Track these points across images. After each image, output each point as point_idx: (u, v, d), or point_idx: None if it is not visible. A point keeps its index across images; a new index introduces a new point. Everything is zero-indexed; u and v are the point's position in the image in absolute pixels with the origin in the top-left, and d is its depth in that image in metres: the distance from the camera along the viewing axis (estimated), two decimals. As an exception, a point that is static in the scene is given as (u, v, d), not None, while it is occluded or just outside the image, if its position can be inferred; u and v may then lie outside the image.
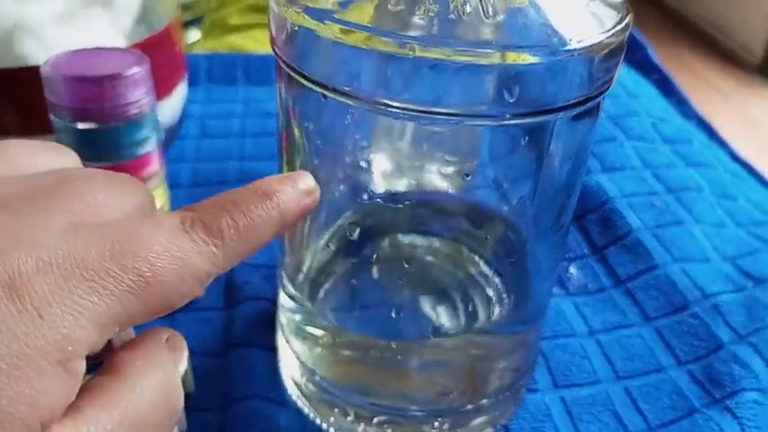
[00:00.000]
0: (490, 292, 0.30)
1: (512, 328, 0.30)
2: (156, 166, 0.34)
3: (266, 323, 0.34)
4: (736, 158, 0.48)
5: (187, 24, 0.62)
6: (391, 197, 0.33)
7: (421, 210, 0.34)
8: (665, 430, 0.29)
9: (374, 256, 0.32)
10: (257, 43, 0.62)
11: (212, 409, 0.30)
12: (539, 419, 0.30)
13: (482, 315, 0.30)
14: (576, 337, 0.34)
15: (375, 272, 0.31)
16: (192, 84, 0.56)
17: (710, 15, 1.73)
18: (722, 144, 0.49)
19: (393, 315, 0.29)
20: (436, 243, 0.33)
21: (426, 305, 0.30)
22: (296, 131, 0.27)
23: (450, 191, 0.33)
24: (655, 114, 0.50)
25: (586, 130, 0.25)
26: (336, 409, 0.29)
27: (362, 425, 0.28)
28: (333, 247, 0.32)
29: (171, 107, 0.45)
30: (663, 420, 0.30)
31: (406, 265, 0.31)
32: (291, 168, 0.29)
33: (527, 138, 0.25)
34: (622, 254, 0.38)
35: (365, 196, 0.33)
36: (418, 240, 0.34)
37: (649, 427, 0.30)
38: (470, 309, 0.30)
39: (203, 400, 0.31)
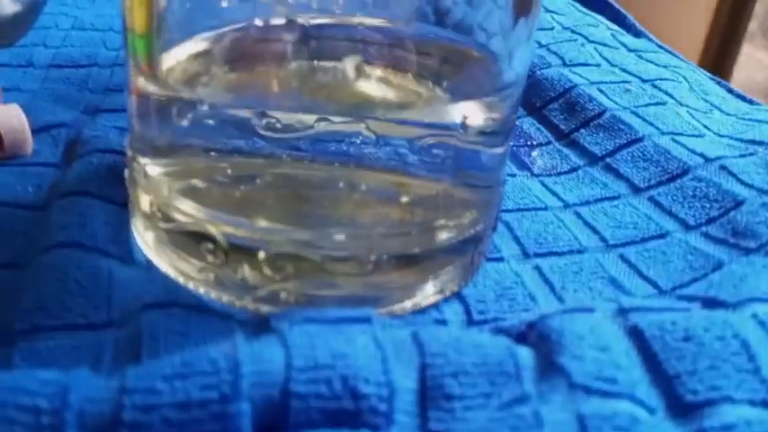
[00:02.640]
0: (436, 91, 0.21)
1: (456, 167, 0.21)
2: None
3: (117, 175, 0.24)
4: (709, 77, 0.42)
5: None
6: (294, 27, 0.24)
7: (342, 42, 0.26)
8: (688, 289, 0.21)
9: (274, 71, 0.23)
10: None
11: (11, 265, 0.20)
12: (506, 287, 0.21)
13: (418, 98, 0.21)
14: (549, 210, 0.26)
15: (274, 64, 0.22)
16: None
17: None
18: (690, 63, 0.43)
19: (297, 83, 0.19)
20: (365, 68, 0.24)
21: (350, 80, 0.21)
22: None
23: (386, 26, 0.25)
24: (615, 30, 0.44)
25: None
26: (205, 249, 0.18)
27: (242, 267, 0.18)
28: (207, 63, 0.23)
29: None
30: (680, 281, 0.21)
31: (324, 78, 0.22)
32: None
33: None
34: (597, 133, 0.30)
35: (258, 24, 0.24)
36: (338, 65, 0.25)
37: (662, 291, 0.21)
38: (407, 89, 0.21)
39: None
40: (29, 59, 0.35)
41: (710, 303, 0.18)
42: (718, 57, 1.33)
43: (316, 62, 0.23)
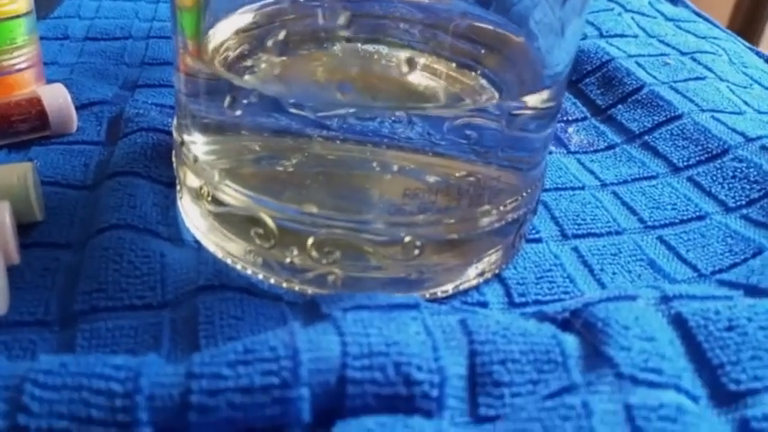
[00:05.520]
0: (480, 81, 0.21)
1: (501, 151, 0.21)
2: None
3: (161, 155, 0.24)
4: (749, 48, 0.41)
5: None
6: (338, 2, 0.24)
7: (385, 21, 0.26)
8: (728, 275, 0.21)
9: (318, 55, 0.23)
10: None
11: (67, 246, 0.20)
12: (545, 269, 0.21)
13: (468, 98, 0.21)
14: (586, 190, 0.26)
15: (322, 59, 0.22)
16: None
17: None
18: (727, 31, 0.42)
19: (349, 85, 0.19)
20: (409, 53, 0.24)
21: (397, 71, 0.21)
22: None
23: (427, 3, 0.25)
24: (652, -3, 0.43)
25: None
26: (255, 233, 0.19)
27: (292, 250, 0.19)
28: (252, 44, 0.23)
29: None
30: (720, 266, 0.21)
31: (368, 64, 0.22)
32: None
33: None
34: (634, 110, 0.30)
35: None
36: (383, 49, 0.24)
37: (701, 275, 0.21)
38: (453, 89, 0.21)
39: (55, 233, 0.21)
40: (65, 32, 0.35)
41: (753, 291, 0.19)
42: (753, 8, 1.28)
43: (359, 45, 0.23)
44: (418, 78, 0.21)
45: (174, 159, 0.22)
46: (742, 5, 1.14)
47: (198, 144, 0.21)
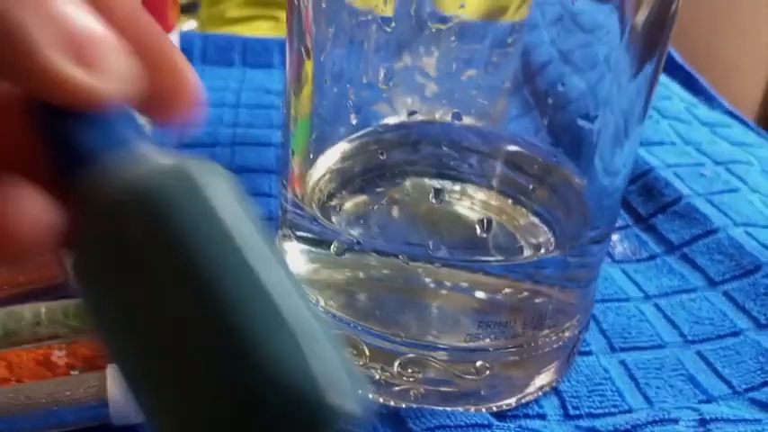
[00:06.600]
0: (538, 232, 0.25)
1: (562, 273, 0.24)
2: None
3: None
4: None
5: (182, 10, 0.58)
6: (407, 131, 0.28)
7: (446, 149, 0.29)
8: (758, 393, 0.23)
9: (392, 192, 0.27)
10: (258, 33, 0.59)
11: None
12: (596, 382, 0.24)
13: (528, 250, 0.25)
14: (631, 302, 0.29)
15: (399, 199, 0.26)
16: (184, 61, 0.52)
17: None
18: (761, 134, 0.45)
19: (424, 238, 0.23)
20: (469, 189, 0.28)
21: (465, 230, 0.24)
22: (309, 51, 0.23)
23: (482, 127, 0.29)
24: (687, 101, 0.46)
25: None
26: (348, 351, 0.22)
27: (380, 368, 0.22)
28: (338, 181, 0.27)
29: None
30: (752, 383, 0.24)
31: (435, 202, 0.26)
32: (297, 97, 0.24)
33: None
34: (673, 221, 0.33)
35: (379, 128, 0.28)
36: (447, 185, 0.28)
37: (736, 392, 0.24)
38: (514, 243, 0.25)
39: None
40: (159, 139, 0.40)
41: (781, 415, 0.21)
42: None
43: (426, 181, 0.27)
44: (478, 216, 0.25)
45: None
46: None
47: (299, 261, 0.24)
